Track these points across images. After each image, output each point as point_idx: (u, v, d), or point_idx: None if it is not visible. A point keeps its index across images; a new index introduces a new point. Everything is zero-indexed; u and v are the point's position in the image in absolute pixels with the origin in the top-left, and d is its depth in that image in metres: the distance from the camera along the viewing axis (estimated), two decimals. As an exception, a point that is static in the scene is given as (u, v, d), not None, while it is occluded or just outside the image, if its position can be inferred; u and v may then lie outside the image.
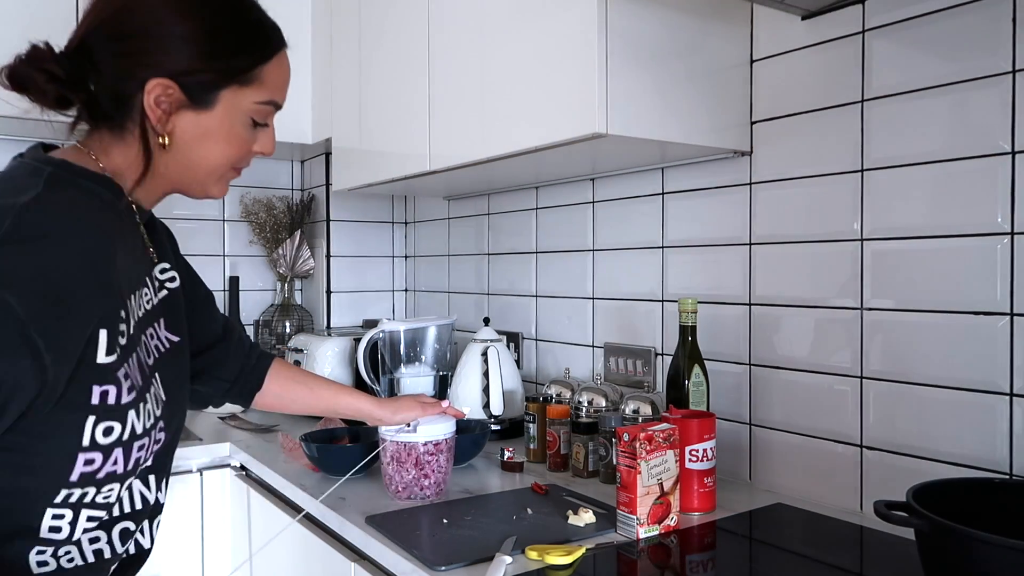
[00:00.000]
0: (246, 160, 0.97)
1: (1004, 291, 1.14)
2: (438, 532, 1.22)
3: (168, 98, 0.87)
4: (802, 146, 1.40)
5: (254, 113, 0.93)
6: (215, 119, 0.90)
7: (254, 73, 0.91)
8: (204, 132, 0.90)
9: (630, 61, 1.31)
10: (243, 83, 0.90)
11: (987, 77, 1.15)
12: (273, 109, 0.96)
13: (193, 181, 0.95)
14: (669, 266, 1.67)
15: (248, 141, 0.95)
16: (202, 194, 0.97)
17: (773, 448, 1.46)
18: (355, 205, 2.64)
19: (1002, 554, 0.80)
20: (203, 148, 0.91)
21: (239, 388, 1.28)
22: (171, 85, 0.86)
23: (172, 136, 0.89)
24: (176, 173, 0.93)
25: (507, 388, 1.87)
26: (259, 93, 0.92)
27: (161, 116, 0.87)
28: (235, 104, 0.91)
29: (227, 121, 0.91)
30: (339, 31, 2.14)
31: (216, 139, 0.91)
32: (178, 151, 0.90)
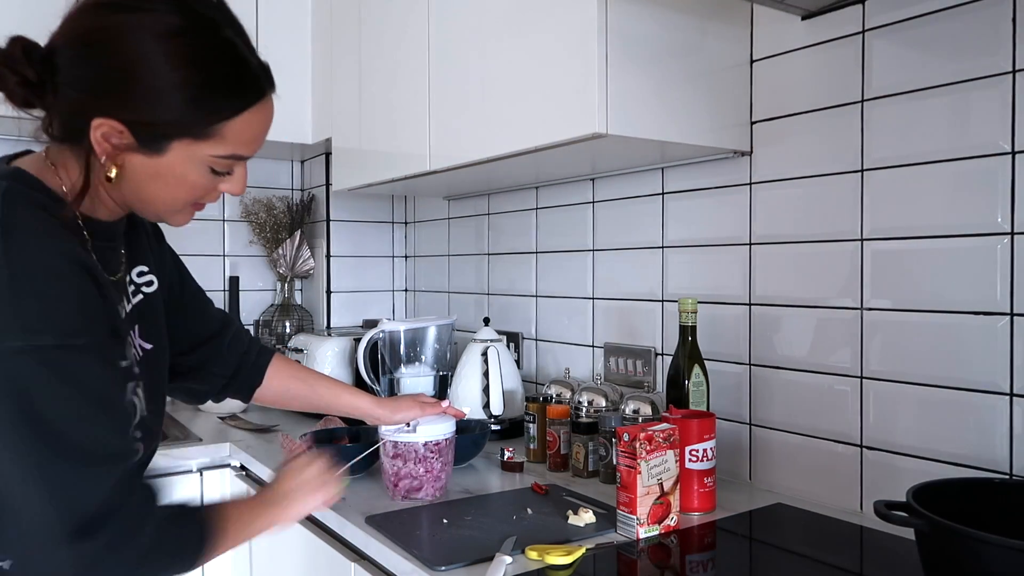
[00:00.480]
0: (209, 198, 0.94)
1: (1004, 291, 1.14)
2: (438, 532, 1.22)
3: (117, 137, 0.84)
4: (802, 146, 1.40)
5: (213, 164, 0.88)
6: (165, 164, 0.86)
7: (213, 129, 0.85)
8: (155, 173, 0.87)
9: (630, 61, 1.31)
10: (197, 137, 0.85)
11: (987, 77, 1.15)
12: (234, 161, 0.90)
13: (148, 212, 0.94)
14: (669, 266, 1.67)
15: (205, 187, 0.91)
16: (157, 221, 0.97)
17: (773, 448, 1.46)
18: (355, 205, 2.64)
19: (1002, 554, 0.80)
20: (154, 187, 0.88)
21: (239, 383, 1.27)
22: (121, 129, 0.83)
23: (123, 171, 0.86)
24: (129, 202, 0.92)
25: (507, 388, 1.87)
26: (217, 147, 0.86)
27: (110, 152, 0.84)
28: (189, 155, 0.86)
29: (179, 168, 0.87)
30: (339, 31, 2.14)
31: (167, 182, 0.88)
32: (129, 185, 0.88)
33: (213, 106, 0.85)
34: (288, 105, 2.55)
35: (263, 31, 2.30)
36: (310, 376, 1.37)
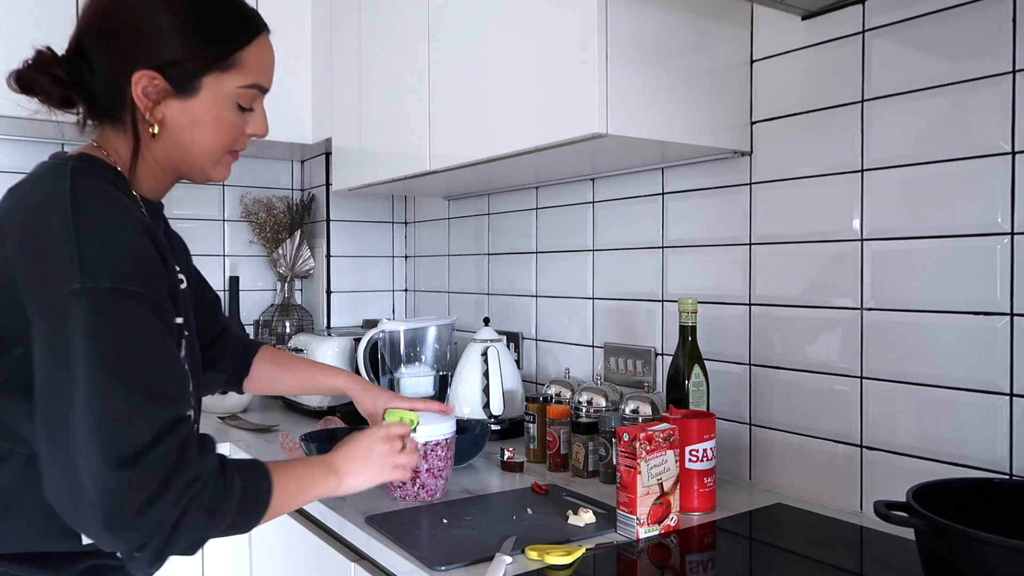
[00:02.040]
0: (241, 143, 1.03)
1: (1004, 291, 1.14)
2: (438, 532, 1.22)
3: (155, 88, 0.93)
4: (802, 146, 1.40)
5: (238, 97, 0.98)
6: (201, 105, 0.95)
7: (233, 59, 0.96)
8: (192, 119, 0.96)
9: (630, 61, 1.31)
10: (223, 69, 0.96)
11: (987, 77, 1.15)
12: (258, 92, 1.01)
13: (191, 166, 1.01)
14: (669, 266, 1.67)
15: (237, 125, 1.00)
16: (203, 178, 1.03)
17: (773, 448, 1.46)
18: (355, 205, 2.64)
19: (1002, 554, 0.80)
20: (193, 133, 0.97)
21: (232, 377, 1.38)
22: (156, 76, 0.92)
23: (163, 124, 0.95)
24: (174, 159, 0.99)
25: (507, 388, 1.87)
26: (241, 77, 0.97)
27: (149, 105, 0.93)
28: (218, 90, 0.96)
29: (213, 107, 0.96)
30: (339, 32, 2.14)
31: (204, 125, 0.97)
32: (170, 138, 0.96)
33: (229, 36, 0.96)
34: (288, 105, 2.57)
35: (263, 31, 2.30)
36: (291, 361, 1.42)
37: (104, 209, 0.84)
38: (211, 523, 0.83)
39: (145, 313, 0.82)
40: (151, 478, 0.77)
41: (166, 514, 0.78)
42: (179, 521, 0.79)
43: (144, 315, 0.82)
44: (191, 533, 0.81)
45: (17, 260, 0.82)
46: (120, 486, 0.76)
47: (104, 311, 0.79)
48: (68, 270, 0.79)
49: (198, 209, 2.58)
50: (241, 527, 0.88)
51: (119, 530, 0.76)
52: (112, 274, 0.80)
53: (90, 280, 0.79)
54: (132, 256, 0.83)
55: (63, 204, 0.83)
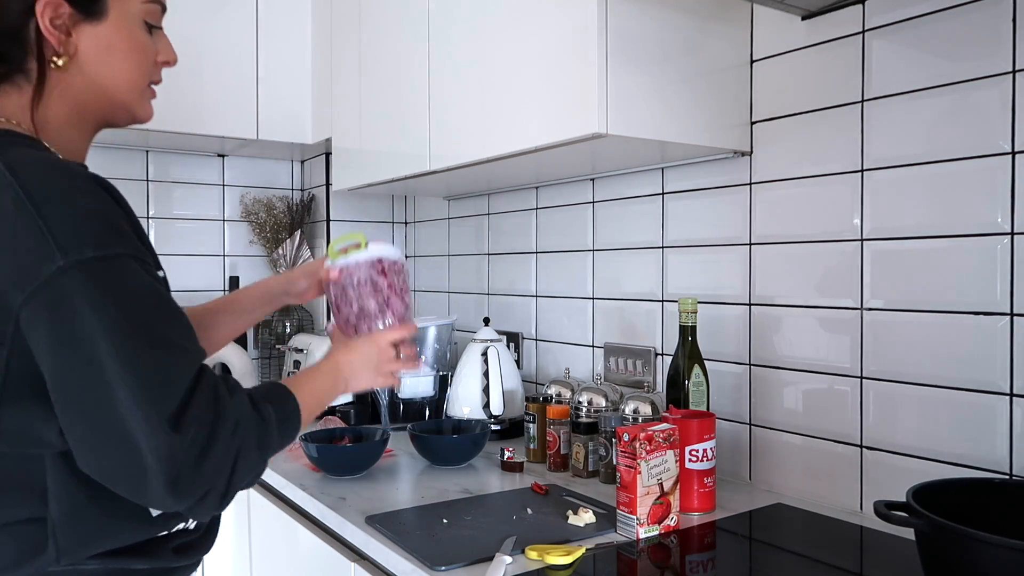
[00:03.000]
0: (156, 72, 0.97)
1: (1004, 291, 1.14)
2: (438, 532, 1.22)
3: (60, 17, 0.86)
4: (802, 146, 1.40)
5: (145, 14, 0.93)
6: (113, 27, 0.90)
7: None
8: (107, 44, 0.90)
9: (630, 61, 1.31)
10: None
11: (987, 77, 1.15)
12: (159, 8, 0.96)
13: (113, 103, 0.93)
14: (669, 266, 1.67)
15: (151, 49, 0.95)
16: (128, 116, 0.96)
17: (773, 448, 1.46)
18: (355, 205, 2.64)
19: (1002, 554, 0.80)
20: (112, 62, 0.90)
21: None
22: (59, 2, 0.85)
23: (76, 57, 0.88)
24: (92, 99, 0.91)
25: (507, 388, 1.87)
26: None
27: (60, 37, 0.86)
28: (125, 8, 0.91)
29: (125, 28, 0.91)
30: (339, 31, 2.14)
31: (120, 50, 0.91)
32: (87, 70, 0.89)
33: None
34: (288, 105, 2.56)
35: (263, 31, 2.30)
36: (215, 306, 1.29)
37: (51, 174, 0.78)
38: (262, 454, 0.84)
39: (136, 271, 0.79)
40: (198, 431, 0.76)
41: (221, 461, 0.78)
42: (235, 464, 0.79)
43: (136, 273, 0.79)
44: (248, 470, 0.82)
45: None
46: (175, 447, 0.74)
47: (98, 280, 0.75)
48: (43, 248, 0.73)
49: (198, 209, 2.58)
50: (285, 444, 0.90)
51: (182, 489, 0.75)
52: (91, 241, 0.75)
53: (73, 253, 0.74)
54: (100, 217, 0.78)
55: (5, 183, 0.76)
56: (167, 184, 2.51)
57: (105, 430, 0.74)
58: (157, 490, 0.75)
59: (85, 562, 0.83)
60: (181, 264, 2.54)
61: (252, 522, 1.76)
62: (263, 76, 2.30)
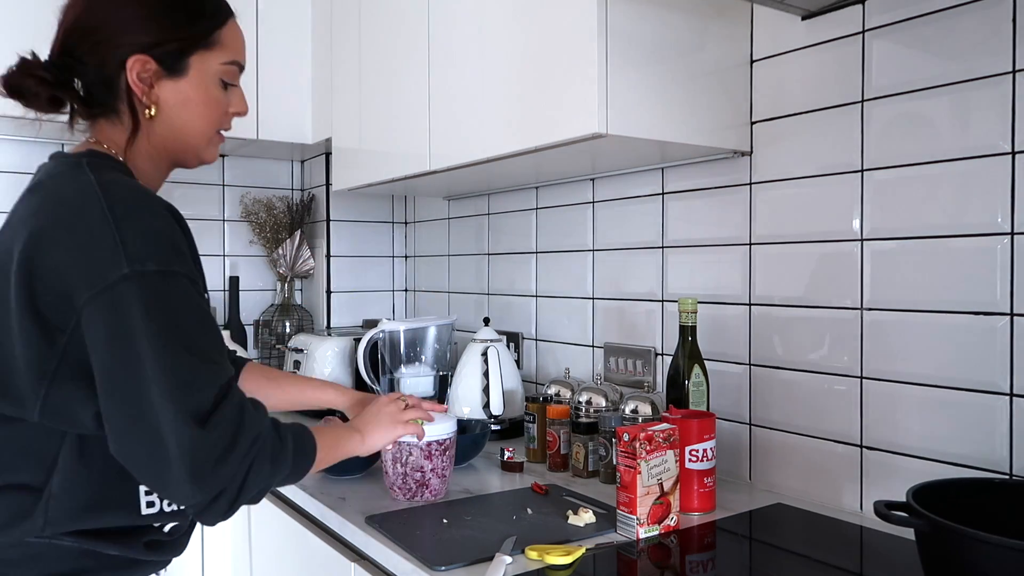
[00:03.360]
0: (226, 122, 1.08)
1: (1004, 291, 1.14)
2: (438, 532, 1.22)
3: (147, 72, 0.98)
4: (802, 146, 1.40)
5: (223, 74, 1.04)
6: (191, 84, 1.01)
7: (214, 37, 1.02)
8: (184, 98, 1.01)
9: (630, 61, 1.31)
10: (207, 47, 1.02)
11: (987, 77, 1.15)
12: (237, 69, 1.07)
13: (186, 147, 1.05)
14: (669, 266, 1.67)
15: (223, 103, 1.06)
16: (196, 160, 1.08)
17: (773, 448, 1.46)
18: (355, 205, 2.64)
19: (1002, 554, 0.80)
20: (187, 113, 1.02)
21: None
22: (148, 59, 0.97)
23: (158, 106, 1.00)
24: (169, 143, 1.03)
25: (507, 388, 1.86)
26: (222, 54, 1.03)
27: (144, 89, 0.98)
28: (205, 67, 1.02)
29: (202, 84, 1.02)
30: (339, 31, 2.14)
31: (196, 103, 1.02)
32: (166, 120, 1.01)
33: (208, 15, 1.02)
34: (288, 105, 2.56)
35: (263, 31, 2.30)
36: (279, 376, 1.44)
37: (133, 197, 0.90)
38: (273, 472, 0.92)
39: (187, 289, 0.89)
40: (223, 434, 0.85)
41: (238, 466, 0.87)
42: (248, 472, 0.88)
43: (187, 290, 0.89)
44: (259, 482, 0.90)
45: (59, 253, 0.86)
46: (199, 442, 0.83)
47: (154, 291, 0.85)
48: (114, 257, 0.84)
49: (198, 209, 2.58)
50: (294, 477, 0.98)
51: (201, 482, 0.84)
52: (155, 257, 0.86)
53: (137, 264, 0.84)
54: (167, 239, 0.89)
55: (95, 196, 0.88)
56: (167, 184, 2.46)
57: (138, 421, 0.84)
58: (178, 479, 0.83)
59: (61, 538, 0.91)
60: (181, 264, 2.53)
61: (252, 522, 1.76)
62: (263, 76, 2.30)
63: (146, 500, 0.96)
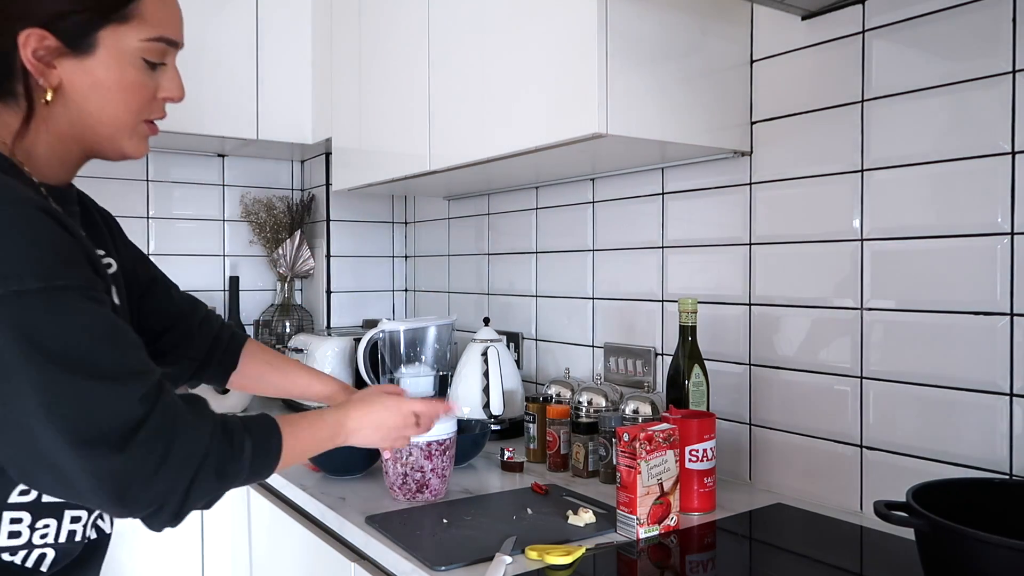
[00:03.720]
0: (156, 109, 0.93)
1: (1004, 291, 1.14)
2: (438, 532, 1.22)
3: (45, 49, 0.83)
4: (802, 146, 1.40)
5: (144, 52, 0.88)
6: (100, 64, 0.85)
7: (131, 8, 0.86)
8: (93, 81, 0.86)
9: (630, 61, 1.31)
10: (121, 20, 0.85)
11: (987, 77, 1.15)
12: (167, 47, 0.90)
13: (101, 138, 0.90)
14: (669, 266, 1.67)
15: (147, 87, 0.90)
16: (117, 153, 0.92)
17: (773, 448, 1.46)
18: (355, 205, 2.64)
19: (1002, 554, 0.80)
20: (98, 98, 0.87)
21: (212, 367, 1.24)
22: (45, 35, 0.82)
23: (61, 91, 0.85)
24: (78, 132, 0.89)
25: (507, 388, 1.87)
26: (143, 30, 0.87)
27: (41, 68, 0.83)
28: (118, 45, 0.86)
29: (115, 65, 0.86)
30: (339, 31, 2.14)
31: (107, 87, 0.86)
32: (72, 106, 0.86)
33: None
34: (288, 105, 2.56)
35: (263, 31, 2.30)
36: (284, 363, 1.34)
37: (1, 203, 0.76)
38: (222, 483, 0.83)
39: (80, 302, 0.76)
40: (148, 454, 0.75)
41: (173, 482, 0.77)
42: (190, 486, 0.79)
43: (80, 304, 0.76)
44: (204, 494, 0.81)
45: None
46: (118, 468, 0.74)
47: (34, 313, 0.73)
48: None
49: (198, 209, 2.58)
50: (256, 478, 0.88)
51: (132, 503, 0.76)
52: (35, 272, 0.73)
53: (13, 283, 0.72)
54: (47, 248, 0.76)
55: None
56: (167, 184, 2.51)
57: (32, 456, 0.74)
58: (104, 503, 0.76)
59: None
60: (181, 264, 2.54)
61: (252, 522, 1.76)
62: (263, 76, 2.30)
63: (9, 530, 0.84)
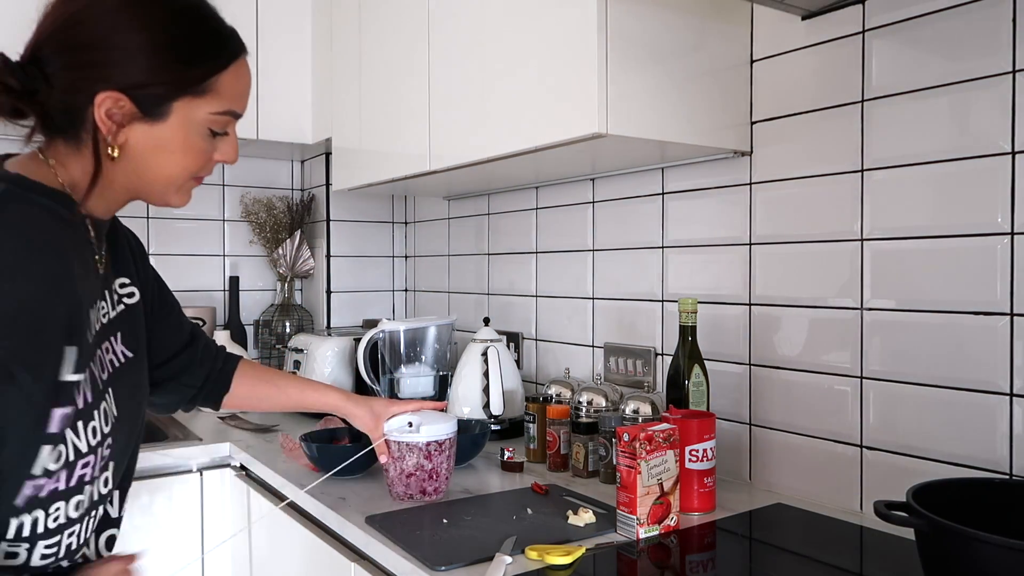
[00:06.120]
0: (207, 169, 0.96)
1: (1004, 291, 1.14)
2: (438, 532, 1.22)
3: (120, 111, 0.85)
4: (802, 146, 1.40)
5: (211, 123, 0.91)
6: (168, 130, 0.88)
7: (208, 84, 0.89)
8: (157, 144, 0.88)
9: (630, 61, 1.31)
10: (197, 94, 0.89)
11: (987, 77, 1.15)
12: (231, 119, 0.94)
13: (151, 191, 0.93)
14: (669, 266, 1.67)
15: (206, 151, 0.93)
16: (161, 203, 0.95)
17: (773, 448, 1.46)
18: (355, 205, 2.64)
19: (1002, 554, 0.80)
20: (158, 159, 0.90)
21: (207, 392, 1.28)
22: (121, 98, 0.85)
23: (125, 148, 0.88)
24: (133, 183, 0.92)
25: (507, 388, 1.86)
26: (214, 104, 0.90)
27: (112, 128, 0.86)
28: (189, 115, 0.89)
29: (181, 132, 0.89)
30: (339, 31, 2.14)
31: (171, 150, 0.90)
32: (132, 162, 0.89)
33: (204, 59, 0.88)
34: (288, 105, 2.56)
35: (263, 31, 2.30)
36: (276, 377, 1.38)
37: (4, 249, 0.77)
38: None
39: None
40: None
41: None
42: None
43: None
44: None
45: None
46: None
47: None
48: None
49: (198, 209, 2.58)
50: None
51: None
52: None
53: None
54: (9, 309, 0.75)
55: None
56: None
57: None
58: None
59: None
60: (181, 264, 2.54)
61: (252, 522, 1.76)
62: (263, 76, 2.30)
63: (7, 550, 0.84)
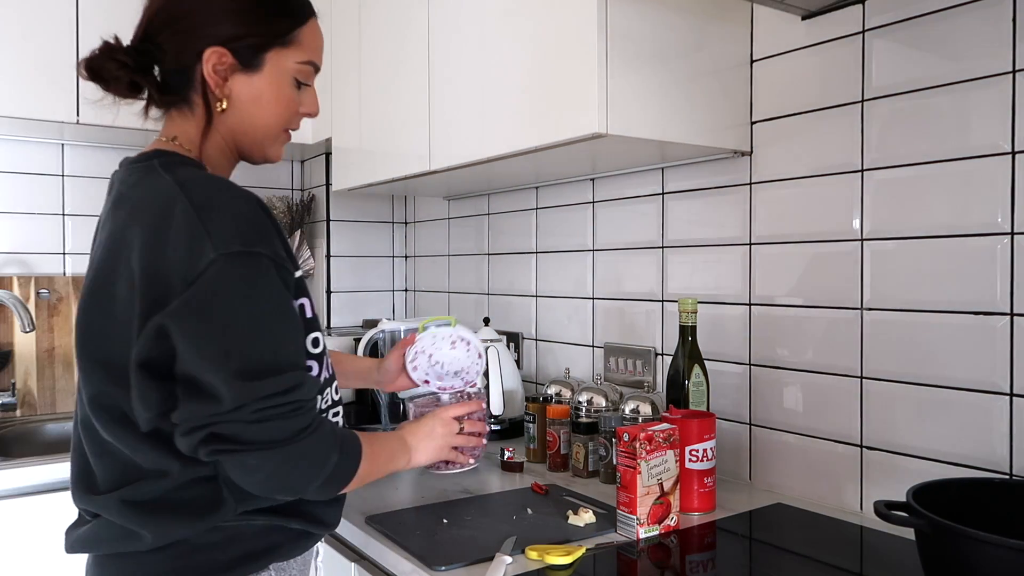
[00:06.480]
0: (295, 122, 1.08)
1: (1004, 291, 1.14)
2: (438, 532, 1.22)
3: (223, 64, 0.98)
4: (802, 146, 1.40)
5: (297, 73, 1.04)
6: (264, 80, 1.01)
7: (293, 35, 1.02)
8: (257, 93, 1.02)
9: (630, 61, 1.31)
10: (284, 44, 1.02)
11: (987, 77, 1.15)
12: (312, 70, 1.07)
13: (252, 142, 1.06)
14: (669, 266, 1.67)
15: (294, 101, 1.06)
16: (261, 156, 1.08)
17: (773, 448, 1.46)
18: (355, 205, 2.64)
19: (1002, 554, 0.80)
20: (257, 108, 1.02)
21: None
22: (224, 52, 0.98)
23: (230, 100, 1.01)
24: (238, 136, 1.04)
25: (507, 388, 1.86)
26: (299, 53, 1.03)
27: (219, 81, 0.99)
28: (280, 65, 1.02)
29: (275, 82, 1.02)
30: (339, 31, 2.14)
31: (267, 99, 1.03)
32: (236, 113, 1.02)
33: (288, 13, 1.03)
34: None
35: (263, 31, 2.30)
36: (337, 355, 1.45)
37: (213, 186, 0.92)
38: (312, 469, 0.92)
39: (269, 270, 0.89)
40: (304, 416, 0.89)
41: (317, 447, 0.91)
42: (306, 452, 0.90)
43: (269, 272, 0.89)
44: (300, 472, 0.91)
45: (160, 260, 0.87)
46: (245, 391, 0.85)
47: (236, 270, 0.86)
48: (202, 247, 0.85)
49: (198, 209, 2.58)
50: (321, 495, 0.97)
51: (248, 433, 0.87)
52: (240, 238, 0.87)
53: (222, 247, 0.86)
54: (250, 221, 0.90)
55: (175, 196, 0.89)
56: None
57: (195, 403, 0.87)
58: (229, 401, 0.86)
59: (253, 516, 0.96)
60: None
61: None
62: (263, 76, 2.30)
63: None
